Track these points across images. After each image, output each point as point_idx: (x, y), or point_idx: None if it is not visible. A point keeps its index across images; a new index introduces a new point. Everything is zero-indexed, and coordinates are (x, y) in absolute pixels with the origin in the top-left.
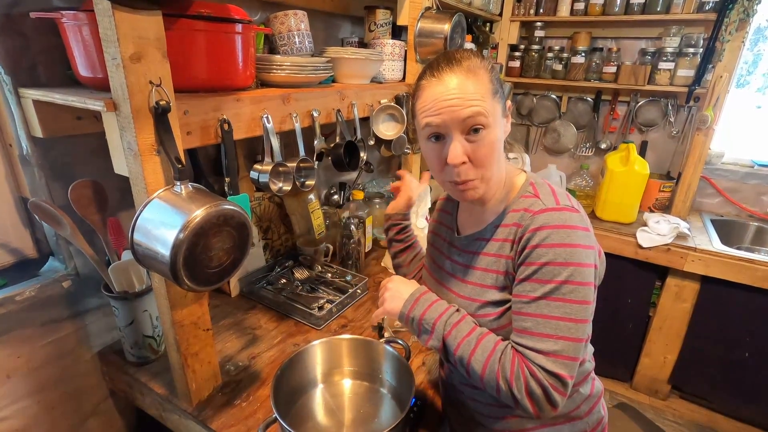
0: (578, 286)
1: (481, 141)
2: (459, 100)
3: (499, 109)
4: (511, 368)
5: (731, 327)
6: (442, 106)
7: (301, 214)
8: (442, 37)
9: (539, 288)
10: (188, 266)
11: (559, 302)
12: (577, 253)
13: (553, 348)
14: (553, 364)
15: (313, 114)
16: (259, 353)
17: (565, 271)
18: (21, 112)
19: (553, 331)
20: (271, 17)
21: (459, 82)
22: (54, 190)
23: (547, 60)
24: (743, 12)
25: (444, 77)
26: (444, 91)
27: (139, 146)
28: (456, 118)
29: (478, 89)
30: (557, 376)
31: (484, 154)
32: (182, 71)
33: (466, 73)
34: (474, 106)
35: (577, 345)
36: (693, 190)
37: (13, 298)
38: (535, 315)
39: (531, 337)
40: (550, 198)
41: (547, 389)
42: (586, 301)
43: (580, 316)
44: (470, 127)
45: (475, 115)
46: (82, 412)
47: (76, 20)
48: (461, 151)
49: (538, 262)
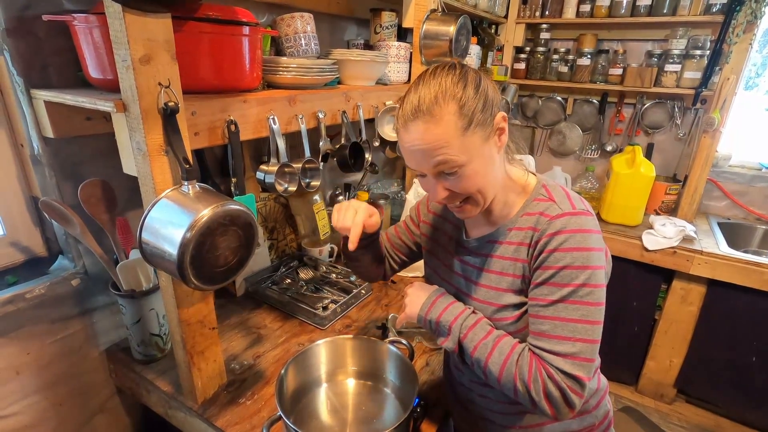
0: (594, 289)
1: (459, 177)
2: (423, 152)
3: (477, 140)
4: (528, 371)
5: (738, 330)
6: (411, 154)
7: (307, 215)
8: (448, 39)
9: (557, 291)
10: (195, 265)
11: (577, 305)
12: (593, 257)
13: (570, 350)
14: (571, 366)
15: (319, 115)
16: (263, 352)
17: (583, 274)
18: (33, 112)
19: (570, 333)
20: (278, 20)
21: (420, 134)
22: (64, 189)
23: (552, 62)
24: (751, 14)
25: (408, 126)
26: (409, 141)
27: (148, 146)
28: (425, 166)
29: (443, 135)
30: (575, 378)
31: (465, 187)
32: (190, 73)
33: (428, 120)
34: (437, 155)
35: (593, 346)
36: (699, 192)
37: (23, 296)
38: (552, 318)
39: (549, 340)
40: (565, 202)
41: (565, 391)
42: (601, 303)
43: (595, 318)
44: (441, 171)
45: (441, 164)
46: (90, 409)
47: (87, 23)
48: (441, 190)
49: (556, 266)
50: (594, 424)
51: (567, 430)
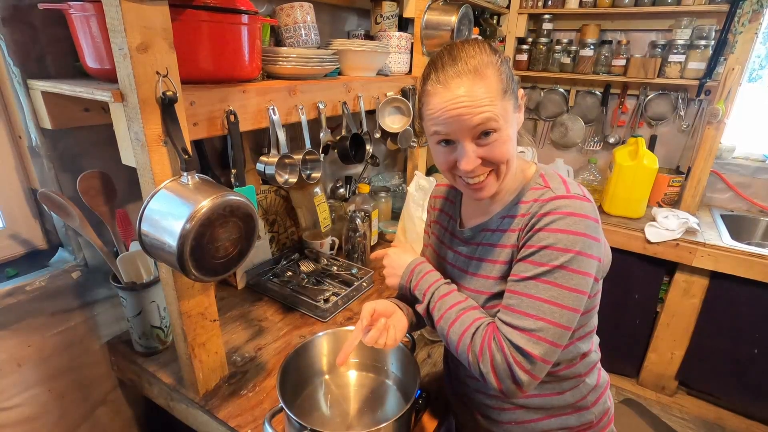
0: (573, 274)
1: (493, 143)
2: (467, 108)
3: (510, 107)
4: (480, 344)
5: (740, 323)
6: (451, 115)
7: (307, 208)
8: (449, 29)
9: (532, 269)
10: (195, 256)
11: (548, 285)
12: (580, 242)
13: (531, 326)
14: (525, 342)
15: (319, 106)
16: (265, 345)
17: (563, 256)
18: (30, 103)
19: (534, 311)
20: (278, 9)
21: (466, 88)
22: (63, 181)
23: (555, 53)
24: (757, 3)
25: (450, 83)
26: (451, 98)
27: (146, 137)
28: (465, 127)
29: (487, 92)
30: (526, 354)
31: (496, 155)
32: (189, 62)
33: (473, 76)
34: (484, 112)
35: (558, 330)
36: (703, 184)
37: (24, 288)
38: (521, 293)
39: (512, 314)
40: (561, 187)
41: (512, 366)
42: (580, 291)
43: (567, 303)
44: (480, 132)
45: (486, 122)
46: (92, 401)
47: (83, 11)
48: (473, 157)
49: (538, 245)
50: (592, 421)
51: (564, 426)
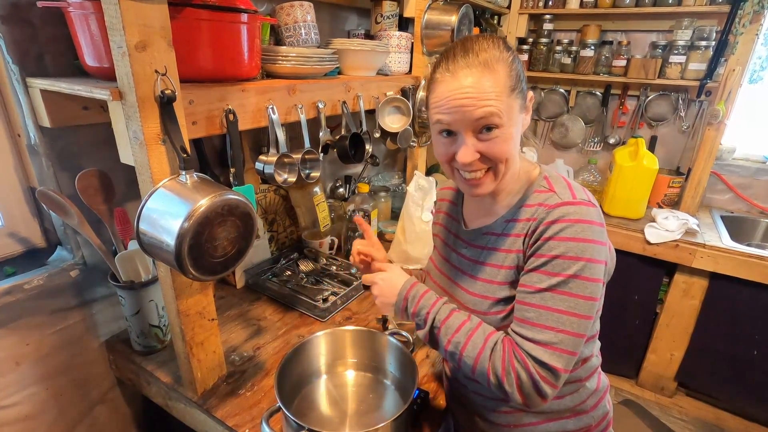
0: (586, 282)
1: (494, 140)
2: (471, 100)
3: (516, 105)
4: (501, 365)
5: (740, 324)
6: (454, 105)
7: (307, 207)
8: (449, 29)
9: (546, 280)
10: (193, 255)
11: (565, 296)
12: (590, 249)
13: (552, 340)
14: (549, 357)
15: (319, 105)
16: (263, 344)
17: (575, 265)
18: (29, 101)
19: (554, 323)
20: (277, 8)
21: (474, 80)
22: (61, 179)
23: (555, 53)
24: (758, 4)
25: (458, 73)
26: (457, 88)
27: (145, 135)
28: (468, 118)
29: (494, 87)
30: (550, 368)
31: (496, 152)
32: (187, 61)
33: (482, 69)
34: (487, 106)
35: (576, 340)
36: (703, 185)
37: (22, 287)
38: (538, 306)
39: (532, 328)
40: (566, 192)
41: (537, 382)
42: (593, 298)
43: (584, 312)
44: (482, 126)
45: (488, 116)
46: (90, 400)
47: (82, 9)
48: (472, 151)
49: (549, 255)
50: (591, 425)
51: (563, 429)
